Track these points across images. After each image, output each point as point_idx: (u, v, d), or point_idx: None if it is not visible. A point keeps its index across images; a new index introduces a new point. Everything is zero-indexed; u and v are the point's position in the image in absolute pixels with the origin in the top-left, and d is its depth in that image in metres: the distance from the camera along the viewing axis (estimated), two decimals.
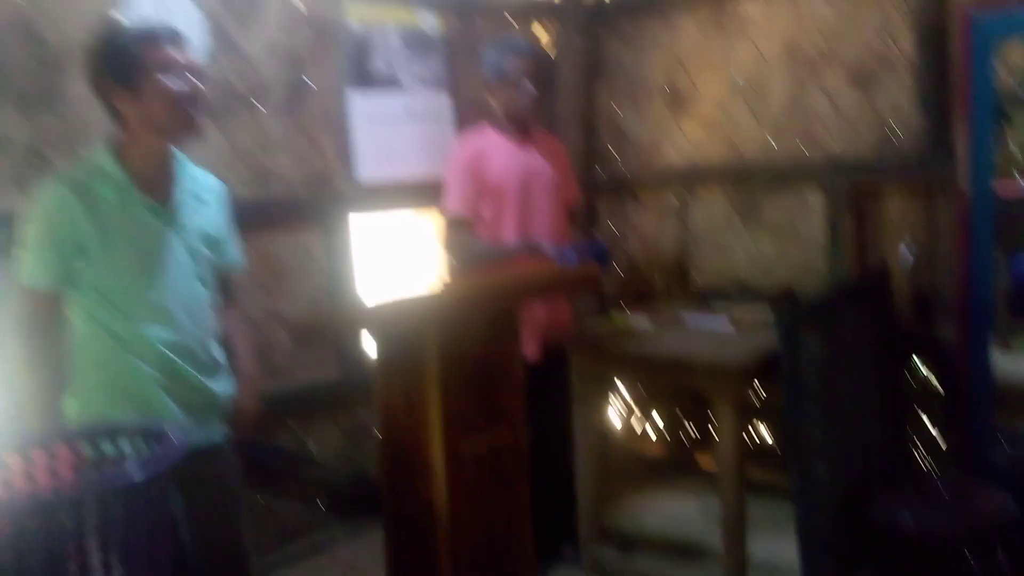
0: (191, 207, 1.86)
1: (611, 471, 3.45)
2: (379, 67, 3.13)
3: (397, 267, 3.32)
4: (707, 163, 3.50)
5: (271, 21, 2.87)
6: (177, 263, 1.81)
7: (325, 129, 3.04)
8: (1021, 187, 2.76)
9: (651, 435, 3.77)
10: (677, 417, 3.68)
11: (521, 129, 2.78)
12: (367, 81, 3.11)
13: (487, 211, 2.70)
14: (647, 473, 3.60)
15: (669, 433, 3.70)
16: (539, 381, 2.61)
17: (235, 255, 2.05)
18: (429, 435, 1.78)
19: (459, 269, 2.74)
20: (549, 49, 3.66)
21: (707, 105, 3.49)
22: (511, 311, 1.87)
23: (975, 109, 2.44)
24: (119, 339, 1.74)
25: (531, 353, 2.67)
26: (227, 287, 2.05)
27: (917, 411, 3.01)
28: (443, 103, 3.32)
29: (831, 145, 3.13)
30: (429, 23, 3.27)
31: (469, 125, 3.25)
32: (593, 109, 3.83)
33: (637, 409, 3.84)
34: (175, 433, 1.33)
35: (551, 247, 2.52)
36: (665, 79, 3.60)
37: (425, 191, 3.18)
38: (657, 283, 3.70)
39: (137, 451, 1.37)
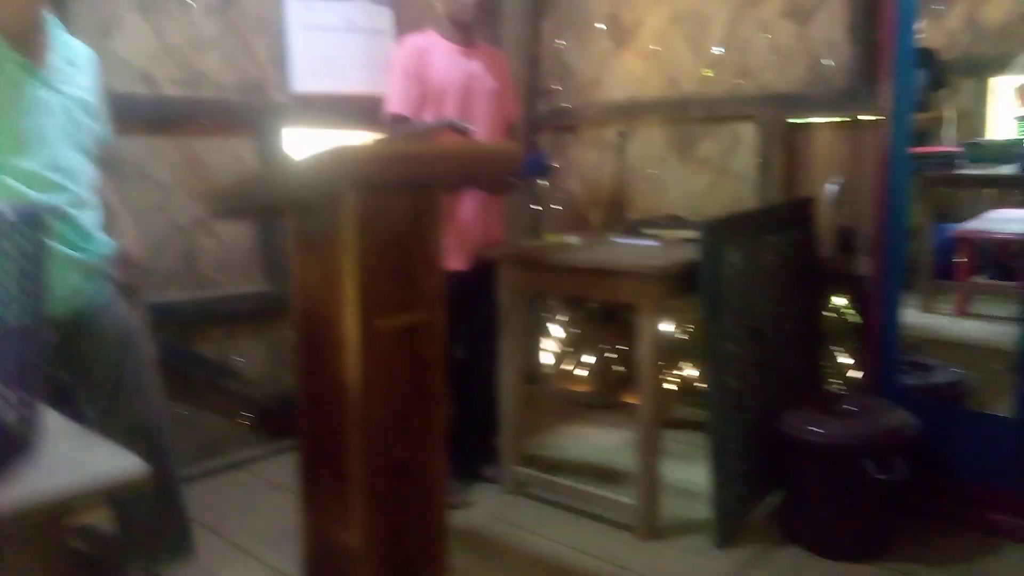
0: (66, 72, 1.79)
1: (538, 405, 3.50)
2: None
3: None
4: (646, 98, 3.52)
5: None
6: (54, 127, 1.74)
7: (259, 33, 2.98)
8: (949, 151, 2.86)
9: (580, 374, 3.82)
10: (606, 358, 3.73)
11: (465, 36, 2.73)
12: None
13: (428, 116, 2.66)
14: (573, 409, 3.64)
15: (598, 372, 3.75)
16: (466, 292, 2.62)
17: (107, 129, 1.95)
18: (345, 310, 1.76)
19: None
20: None
21: (648, 39, 3.50)
22: (431, 190, 1.86)
23: (898, 41, 2.49)
24: None
25: (460, 263, 2.67)
26: (101, 159, 1.95)
27: (832, 340, 3.11)
28: (384, 16, 3.27)
29: (766, 79, 3.18)
30: None
31: None
32: (537, 43, 3.82)
33: (567, 349, 3.88)
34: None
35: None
36: (608, 12, 3.61)
37: (363, 108, 3.14)
38: (592, 217, 3.73)
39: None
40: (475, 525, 2.58)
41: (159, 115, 2.72)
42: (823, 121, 3.07)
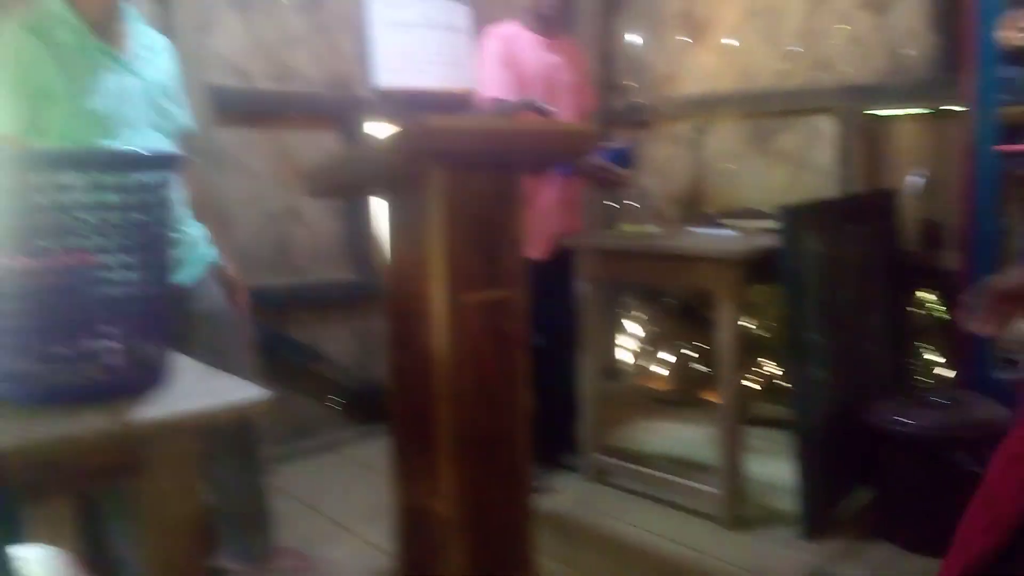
0: (146, 59, 1.88)
1: (617, 401, 3.51)
2: None
3: None
4: (722, 92, 3.52)
5: None
6: (137, 110, 1.82)
7: (345, 31, 3.09)
8: None
9: (659, 371, 3.82)
10: (686, 356, 3.73)
11: (548, 29, 2.76)
12: None
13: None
14: (652, 405, 3.64)
15: (677, 370, 3.75)
16: (546, 281, 2.65)
17: (188, 116, 2.04)
18: (432, 285, 1.82)
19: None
20: None
21: (723, 33, 3.50)
22: (513, 171, 1.90)
23: (980, 30, 2.44)
24: None
25: (539, 252, 2.71)
26: (185, 149, 2.01)
27: (919, 336, 3.04)
28: (462, 13, 3.36)
29: (844, 71, 3.14)
30: None
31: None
32: (611, 39, 3.86)
33: (646, 346, 3.89)
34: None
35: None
36: (681, 8, 3.62)
37: (443, 102, 3.23)
38: (669, 212, 3.73)
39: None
40: (558, 510, 2.61)
41: (252, 108, 2.85)
42: (905, 113, 3.02)
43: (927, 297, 3.03)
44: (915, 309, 3.04)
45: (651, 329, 3.84)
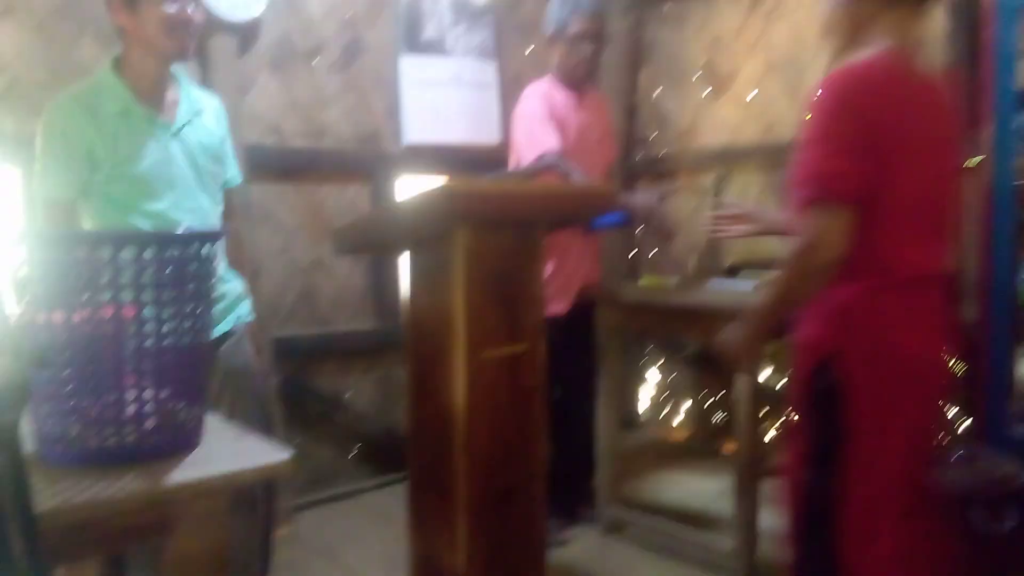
0: (191, 122, 1.98)
1: (636, 450, 3.53)
2: (429, 33, 3.30)
3: None
4: (743, 144, 3.58)
5: None
6: (181, 173, 1.93)
7: (376, 89, 3.22)
8: None
9: (678, 421, 3.84)
10: (703, 405, 3.74)
11: (577, 85, 2.83)
12: (417, 46, 3.28)
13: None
14: (670, 455, 3.65)
15: (695, 419, 3.76)
16: (564, 333, 2.70)
17: (234, 171, 2.14)
18: (453, 340, 1.89)
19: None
20: None
21: (745, 86, 3.58)
22: (533, 229, 1.98)
23: (998, 83, 2.49)
24: None
25: (561, 307, 2.77)
26: (228, 202, 2.13)
27: None
28: (489, 71, 3.47)
29: None
30: None
31: (513, 95, 3.39)
32: (635, 92, 3.95)
33: (665, 395, 3.91)
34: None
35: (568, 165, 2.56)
36: (704, 61, 3.71)
37: (469, 157, 3.34)
38: (690, 261, 3.77)
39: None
40: (572, 562, 2.64)
41: (285, 164, 2.97)
42: None
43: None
44: None
45: (670, 378, 3.86)
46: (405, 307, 2.08)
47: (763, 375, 3.21)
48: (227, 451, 1.05)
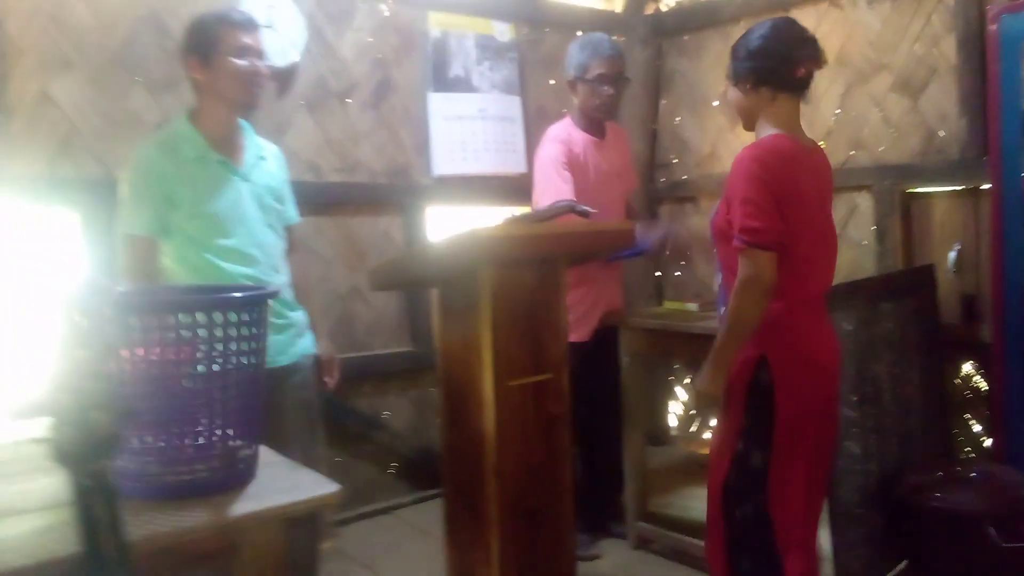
0: (257, 165, 2.19)
1: (665, 466, 3.62)
2: (456, 70, 3.45)
3: None
4: None
5: (362, 26, 3.24)
6: (250, 211, 2.12)
7: (406, 125, 3.38)
8: None
9: (707, 437, 3.92)
10: None
11: (599, 127, 2.96)
12: (445, 83, 3.43)
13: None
14: (698, 470, 3.73)
15: None
16: (589, 357, 2.82)
17: (294, 212, 2.34)
18: (481, 370, 2.03)
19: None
20: None
21: None
22: (555, 264, 2.11)
23: (1004, 111, 2.57)
24: (205, 276, 2.06)
25: (586, 334, 2.88)
26: (289, 239, 2.32)
27: (964, 409, 3.10)
28: (513, 105, 3.62)
29: (879, 151, 3.28)
30: (503, 32, 3.59)
31: (536, 127, 3.54)
32: (656, 119, 4.07)
33: (694, 411, 4.01)
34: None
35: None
36: (723, 90, 3.81)
37: (495, 187, 3.48)
38: (713, 284, 3.87)
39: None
40: None
41: (322, 198, 3.13)
42: (943, 190, 3.14)
43: (967, 370, 3.10)
44: (959, 382, 3.11)
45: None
46: (436, 338, 2.22)
47: None
48: (282, 484, 1.19)
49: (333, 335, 3.20)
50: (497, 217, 3.56)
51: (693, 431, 3.98)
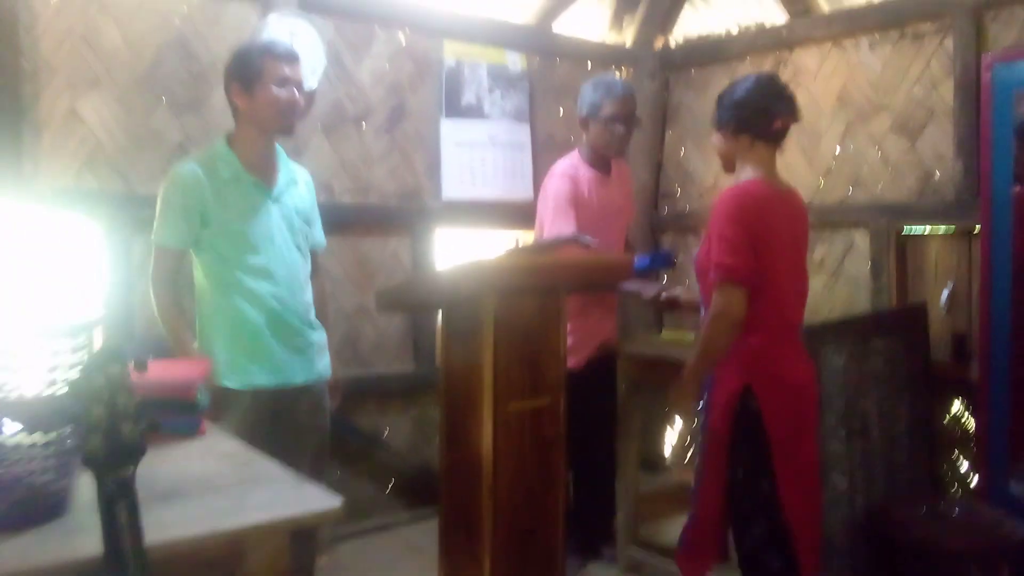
0: (288, 188, 2.29)
1: (659, 492, 3.68)
2: (468, 98, 3.56)
3: None
4: None
5: (380, 53, 3.35)
6: (279, 231, 2.22)
7: (418, 149, 3.48)
8: None
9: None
10: None
11: (605, 163, 3.04)
12: (457, 110, 3.54)
13: None
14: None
15: None
16: (584, 384, 2.88)
17: (320, 235, 2.44)
18: (482, 394, 2.11)
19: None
20: None
21: None
22: (555, 293, 2.20)
23: (995, 156, 2.66)
24: (232, 290, 2.15)
25: (582, 360, 2.96)
26: (313, 261, 2.41)
27: (953, 446, 3.16)
28: (523, 133, 3.72)
29: (877, 189, 3.36)
30: (515, 62, 3.69)
31: (545, 154, 3.64)
32: (661, 150, 4.17)
33: (689, 439, 4.07)
34: None
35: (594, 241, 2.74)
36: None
37: (502, 212, 3.57)
38: None
39: None
40: None
41: (334, 219, 3.19)
42: (937, 230, 3.22)
43: (957, 408, 3.16)
44: (945, 420, 3.17)
45: (693, 423, 4.02)
46: (439, 360, 2.31)
47: None
48: (289, 496, 1.27)
49: (338, 352, 3.28)
50: (502, 245, 3.67)
51: (688, 460, 4.04)
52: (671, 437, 4.15)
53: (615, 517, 3.08)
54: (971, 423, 3.09)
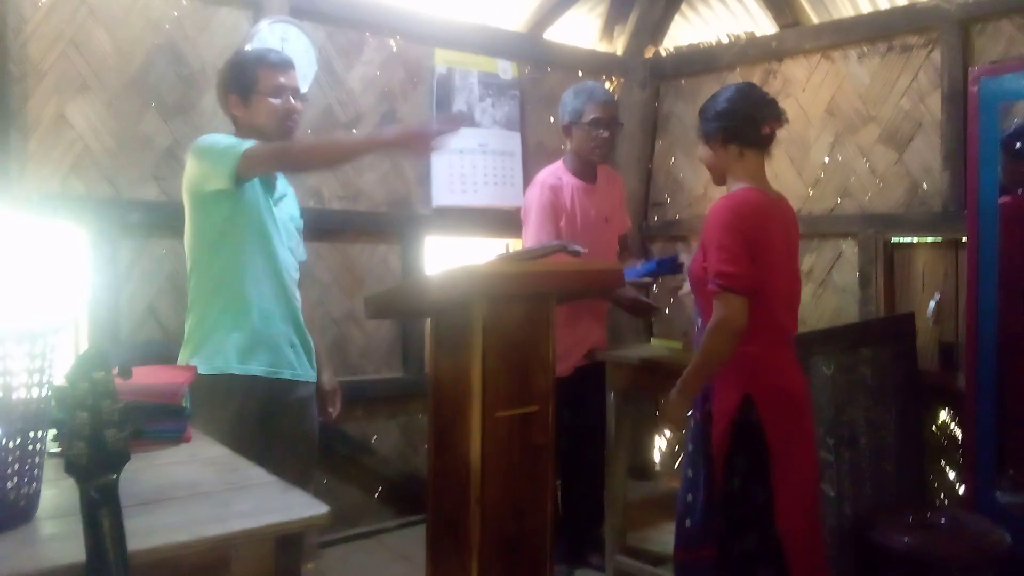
0: (285, 197, 2.31)
1: (648, 500, 3.68)
2: (459, 105, 3.56)
3: None
4: None
5: (371, 59, 3.35)
6: (277, 232, 2.24)
7: (408, 156, 3.47)
8: None
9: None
10: None
11: (591, 171, 3.05)
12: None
13: None
14: None
15: None
16: (568, 393, 2.88)
17: (303, 248, 2.44)
18: (470, 400, 2.10)
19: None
20: None
21: None
22: (544, 300, 2.19)
23: (982, 168, 2.68)
24: (239, 279, 2.16)
25: (564, 370, 2.95)
26: (299, 270, 2.41)
27: (941, 455, 3.18)
28: (514, 141, 3.73)
29: (865, 200, 3.38)
30: (506, 70, 3.71)
31: (535, 162, 3.64)
32: (651, 159, 4.19)
33: (680, 446, 4.07)
34: None
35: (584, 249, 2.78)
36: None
37: (492, 219, 3.57)
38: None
39: None
40: None
41: (323, 225, 3.22)
42: (925, 240, 3.24)
43: (944, 417, 3.18)
44: (933, 429, 3.19)
45: (683, 430, 4.02)
46: (428, 367, 2.30)
47: None
48: (275, 503, 1.26)
49: (326, 358, 3.28)
50: (491, 252, 3.66)
51: (676, 467, 4.04)
52: (660, 444, 4.15)
53: (603, 525, 3.07)
54: (958, 432, 3.11)
